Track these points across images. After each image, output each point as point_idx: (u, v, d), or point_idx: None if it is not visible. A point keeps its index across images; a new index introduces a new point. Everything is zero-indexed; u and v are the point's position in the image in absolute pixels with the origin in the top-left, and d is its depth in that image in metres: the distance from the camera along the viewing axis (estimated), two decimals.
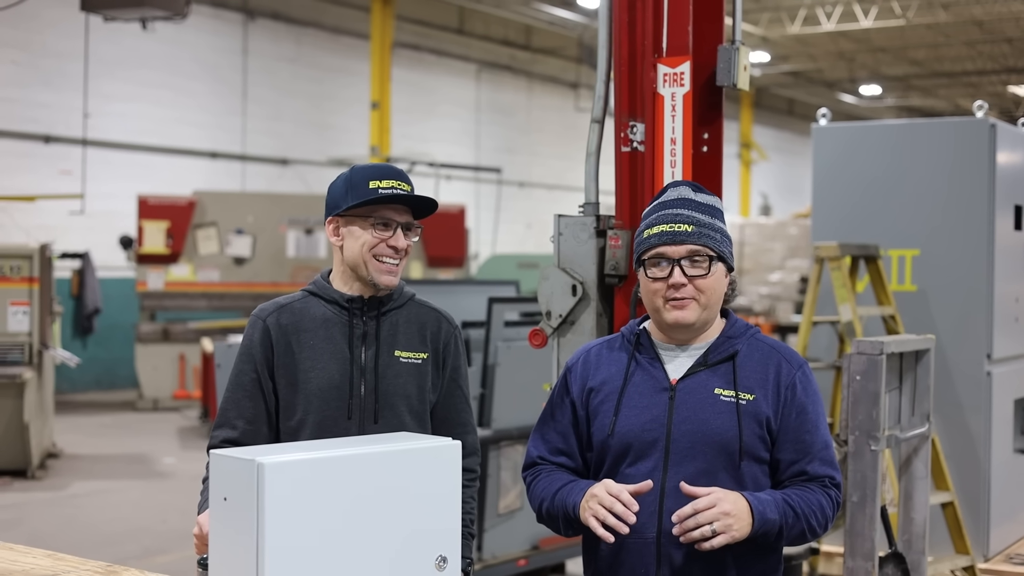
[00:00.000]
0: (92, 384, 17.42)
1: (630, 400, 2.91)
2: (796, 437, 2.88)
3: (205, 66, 19.68)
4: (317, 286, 3.25)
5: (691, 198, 2.93)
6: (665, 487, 2.84)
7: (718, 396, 2.86)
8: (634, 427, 2.88)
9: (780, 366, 2.91)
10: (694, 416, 2.85)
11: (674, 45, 3.94)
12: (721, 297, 2.94)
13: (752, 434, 2.85)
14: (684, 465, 2.84)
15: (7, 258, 10.72)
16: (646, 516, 2.83)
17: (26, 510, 9.57)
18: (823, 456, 2.90)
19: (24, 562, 3.05)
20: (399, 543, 2.41)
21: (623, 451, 2.89)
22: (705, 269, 2.87)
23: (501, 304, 6.83)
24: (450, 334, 3.30)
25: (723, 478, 2.83)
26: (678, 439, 2.85)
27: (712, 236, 2.88)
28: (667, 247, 2.87)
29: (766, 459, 2.89)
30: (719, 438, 2.84)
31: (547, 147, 27.03)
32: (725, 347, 2.92)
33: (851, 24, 23.34)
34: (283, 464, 2.27)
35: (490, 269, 18.81)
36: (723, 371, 2.90)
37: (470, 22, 24.72)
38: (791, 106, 35.10)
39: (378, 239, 3.14)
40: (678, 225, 2.88)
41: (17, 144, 16.94)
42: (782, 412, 2.88)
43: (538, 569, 7.05)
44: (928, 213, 5.63)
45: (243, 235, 15.96)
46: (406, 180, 3.20)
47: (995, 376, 5.48)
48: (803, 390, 2.90)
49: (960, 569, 5.13)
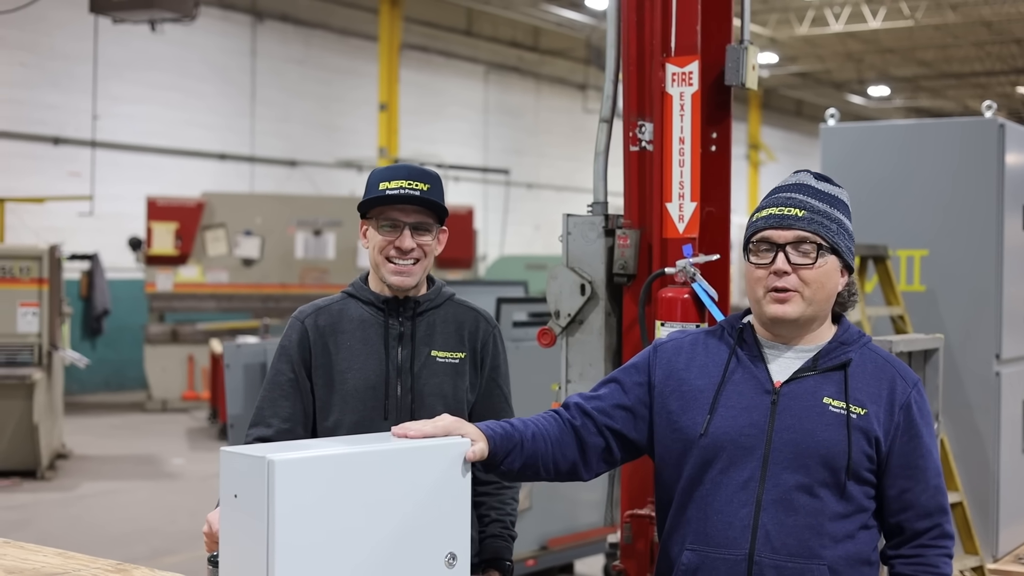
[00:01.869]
0: (101, 385, 17.44)
1: (728, 400, 2.66)
2: (908, 463, 2.65)
3: (214, 68, 19.71)
4: (355, 288, 3.27)
5: (810, 184, 2.71)
6: (761, 500, 2.60)
7: (827, 406, 2.62)
8: (730, 430, 2.63)
9: (895, 382, 2.67)
10: (799, 425, 2.61)
11: (683, 45, 3.94)
12: (832, 295, 2.68)
13: (860, 452, 2.60)
14: (783, 477, 2.59)
15: (17, 259, 10.75)
16: (738, 531, 2.61)
17: (35, 510, 9.58)
18: (934, 496, 2.67)
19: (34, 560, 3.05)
20: (409, 541, 2.41)
21: (714, 455, 2.64)
22: (812, 259, 2.61)
23: (510, 304, 6.83)
24: (488, 333, 3.31)
25: (826, 495, 2.60)
26: (779, 448, 2.60)
27: (825, 225, 2.64)
28: (774, 231, 2.63)
29: (870, 481, 2.64)
30: (825, 451, 2.59)
31: (555, 148, 27.02)
32: (837, 353, 2.68)
33: (859, 25, 23.30)
34: (293, 461, 2.27)
35: (498, 270, 18.82)
36: (833, 380, 2.65)
37: (478, 24, 24.72)
38: (799, 107, 35.05)
39: (386, 240, 3.15)
40: (788, 209, 2.64)
41: (26, 146, 16.98)
42: (894, 433, 2.64)
43: (547, 569, 7.05)
44: (937, 213, 5.62)
45: (252, 236, 15.97)
46: (422, 179, 3.15)
47: (1004, 376, 5.47)
48: (918, 411, 2.67)
49: (969, 569, 5.13)
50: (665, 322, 3.73)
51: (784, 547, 2.58)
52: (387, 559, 2.38)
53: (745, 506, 2.60)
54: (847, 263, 2.70)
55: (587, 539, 7.08)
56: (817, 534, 2.59)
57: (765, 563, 2.58)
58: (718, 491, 2.63)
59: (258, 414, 3.20)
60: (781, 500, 2.59)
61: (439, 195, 3.18)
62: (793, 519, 2.58)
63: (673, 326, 3.69)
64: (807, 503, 2.58)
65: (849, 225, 2.70)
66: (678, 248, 3.83)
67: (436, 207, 3.17)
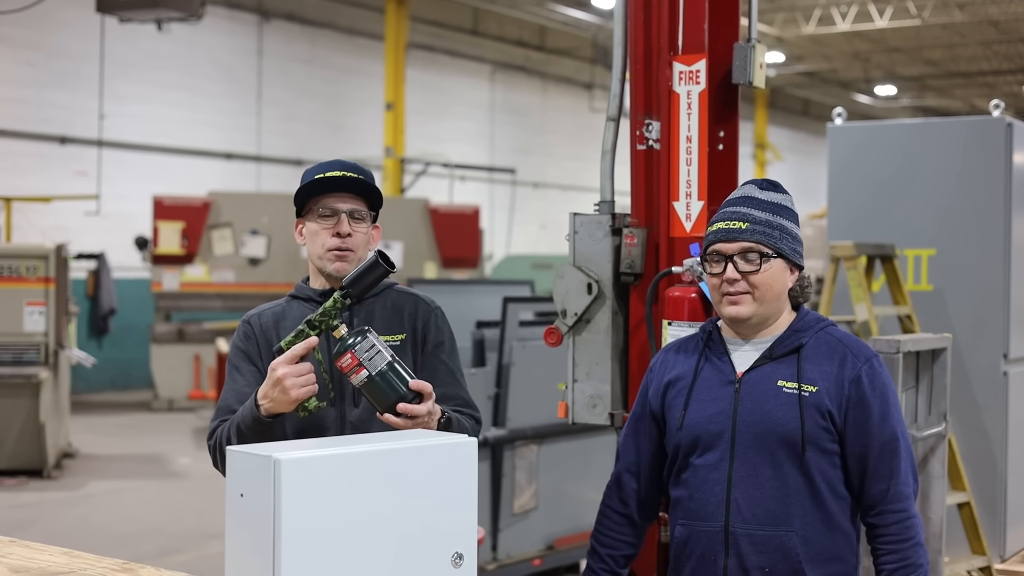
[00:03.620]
0: (107, 384, 17.46)
1: (699, 394, 3.04)
2: (860, 431, 2.94)
3: (220, 67, 19.72)
4: (297, 289, 3.35)
5: (754, 196, 3.03)
6: (732, 477, 2.95)
7: (781, 388, 2.95)
8: (701, 420, 3.01)
9: (846, 359, 2.97)
10: (757, 408, 2.95)
11: (690, 43, 3.93)
12: (781, 293, 3.01)
13: (815, 425, 2.92)
14: (749, 456, 2.95)
15: (23, 258, 10.76)
16: (714, 505, 2.97)
17: (42, 509, 9.59)
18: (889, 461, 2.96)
19: (40, 559, 3.05)
20: (415, 540, 2.41)
21: (692, 443, 3.02)
22: (757, 265, 2.95)
23: (516, 304, 6.82)
24: (429, 312, 3.32)
25: (788, 468, 2.93)
26: (743, 431, 2.96)
27: (767, 233, 2.97)
28: (722, 244, 2.99)
29: (834, 451, 2.95)
30: (781, 429, 2.92)
31: (561, 148, 27.02)
32: (791, 340, 3.00)
33: (866, 24, 23.28)
34: (299, 460, 2.27)
35: (504, 270, 18.82)
36: (788, 363, 2.98)
37: (484, 23, 24.72)
38: (806, 107, 35.02)
39: (324, 227, 3.21)
40: (733, 223, 2.99)
41: (33, 145, 17.00)
42: (846, 406, 2.94)
43: (553, 569, 7.04)
44: (944, 212, 5.61)
45: (258, 236, 15.98)
46: (356, 171, 3.25)
47: (1012, 376, 5.45)
48: (868, 383, 2.96)
49: (976, 570, 5.12)
50: (672, 321, 3.72)
51: (754, 517, 2.94)
52: (393, 558, 2.38)
53: (718, 484, 2.97)
54: (794, 262, 3.02)
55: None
56: (784, 504, 2.93)
57: (739, 532, 2.95)
58: (697, 473, 3.01)
59: (223, 403, 3.25)
60: (748, 476, 2.95)
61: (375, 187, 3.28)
62: (760, 492, 2.93)
63: (680, 325, 3.68)
64: (772, 476, 2.93)
65: (794, 228, 3.02)
66: (685, 247, 3.83)
67: (371, 192, 3.25)
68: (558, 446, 6.91)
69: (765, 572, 2.93)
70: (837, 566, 2.97)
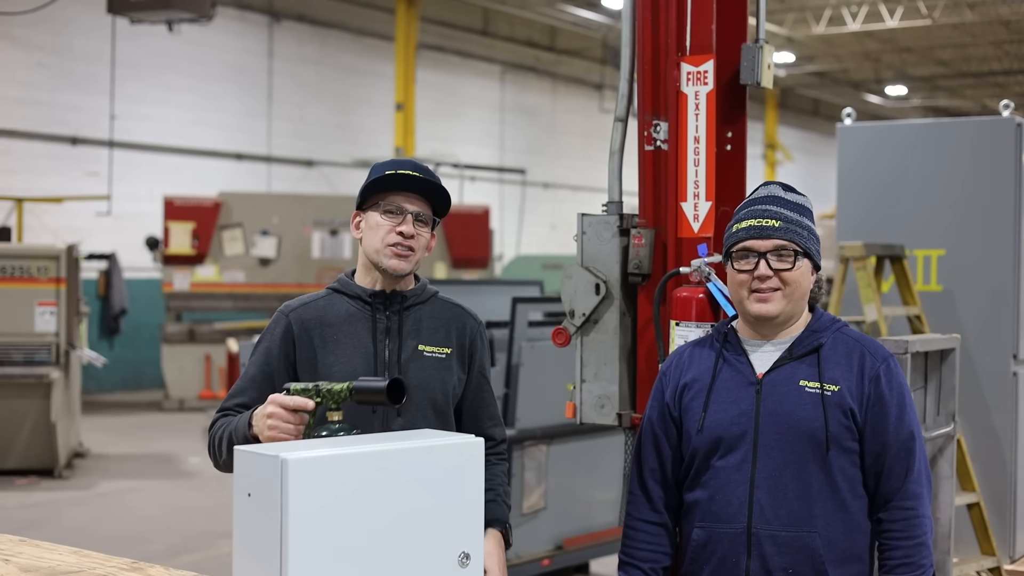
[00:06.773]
0: (119, 384, 17.51)
1: (719, 396, 3.03)
2: (877, 429, 2.96)
3: (231, 68, 19.76)
4: (341, 283, 3.26)
5: (781, 196, 3.06)
6: (755, 479, 2.95)
7: (803, 388, 2.96)
8: (723, 422, 3.00)
9: (864, 358, 2.99)
10: (780, 408, 2.96)
11: (698, 43, 3.93)
12: (806, 293, 3.04)
13: (838, 424, 2.93)
14: (773, 456, 2.95)
15: (35, 259, 10.79)
16: (736, 507, 2.96)
17: (53, 509, 9.62)
18: (905, 459, 2.96)
19: (50, 559, 3.06)
20: (422, 539, 2.42)
21: (713, 445, 3.01)
22: (790, 263, 2.97)
23: (525, 304, 6.82)
24: (475, 330, 3.31)
25: (812, 468, 2.93)
26: (765, 431, 2.96)
27: (799, 232, 2.99)
28: (755, 241, 2.99)
29: (854, 449, 2.96)
30: (805, 428, 2.93)
31: (571, 148, 27.01)
32: (810, 340, 3.02)
33: (877, 24, 23.23)
34: (307, 460, 2.27)
35: (514, 270, 18.81)
36: (808, 363, 2.99)
37: (494, 23, 24.73)
38: (816, 107, 34.96)
39: (389, 225, 3.15)
40: (767, 220, 3.00)
41: (44, 146, 17.05)
42: (866, 404, 2.96)
43: (562, 569, 7.04)
44: (954, 213, 5.60)
45: (268, 236, 16.01)
46: (426, 172, 3.19)
47: (1021, 376, 5.44)
48: (886, 382, 2.98)
49: (986, 570, 5.11)
50: (680, 322, 3.72)
51: (777, 519, 2.93)
52: (400, 558, 2.39)
53: (741, 485, 2.96)
54: (816, 263, 3.06)
55: (603, 539, 7.07)
56: (807, 505, 2.92)
57: (762, 534, 2.93)
58: (718, 475, 2.99)
59: (229, 395, 3.21)
60: (772, 477, 2.94)
61: (446, 193, 3.22)
62: (783, 493, 2.93)
63: (688, 326, 3.67)
64: (795, 477, 2.92)
65: (816, 230, 3.07)
66: (693, 247, 3.82)
67: (440, 198, 3.19)
68: (567, 446, 6.91)
69: (788, 573, 2.93)
70: (857, 566, 2.97)
